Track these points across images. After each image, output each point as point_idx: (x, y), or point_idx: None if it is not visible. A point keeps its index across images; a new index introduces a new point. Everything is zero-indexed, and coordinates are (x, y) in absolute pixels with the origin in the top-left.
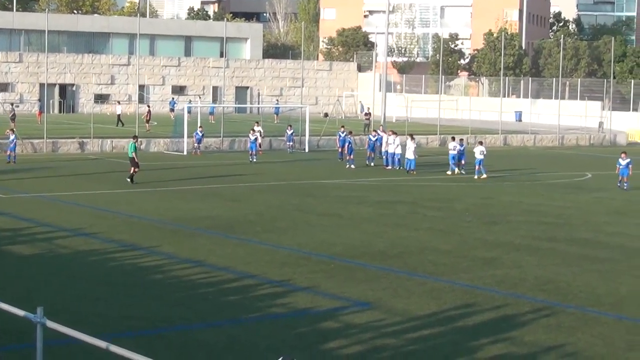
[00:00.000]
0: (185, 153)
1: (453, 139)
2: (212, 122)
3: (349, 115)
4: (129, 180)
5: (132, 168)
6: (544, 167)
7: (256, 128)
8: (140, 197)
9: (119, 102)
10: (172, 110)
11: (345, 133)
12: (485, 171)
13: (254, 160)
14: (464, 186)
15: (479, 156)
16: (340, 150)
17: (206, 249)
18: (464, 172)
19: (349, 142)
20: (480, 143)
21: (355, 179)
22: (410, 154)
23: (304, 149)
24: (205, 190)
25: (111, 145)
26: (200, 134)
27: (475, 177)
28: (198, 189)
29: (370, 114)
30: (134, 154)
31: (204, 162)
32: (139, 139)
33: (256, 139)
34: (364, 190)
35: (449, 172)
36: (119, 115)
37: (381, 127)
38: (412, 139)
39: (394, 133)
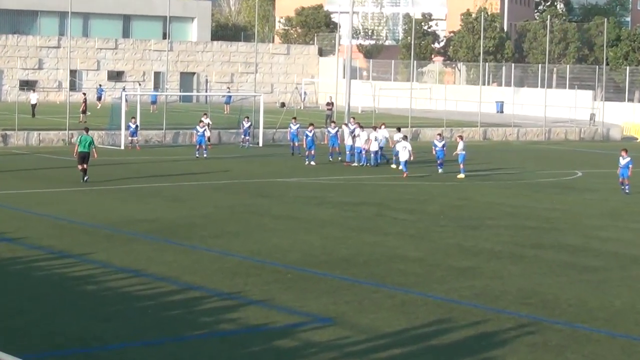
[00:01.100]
0: (122, 147)
1: (399, 130)
2: (154, 112)
3: (309, 105)
4: (86, 179)
5: (82, 164)
6: (528, 165)
7: (204, 119)
8: (71, 197)
9: (33, 90)
10: (99, 98)
11: (298, 125)
12: (463, 170)
13: (204, 155)
14: (438, 186)
15: (460, 152)
16: (292, 145)
17: (145, 256)
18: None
19: (306, 135)
20: (461, 137)
21: (316, 177)
22: (374, 146)
23: (258, 143)
24: (145, 189)
25: (38, 138)
26: (134, 126)
27: (461, 175)
28: (137, 189)
29: (332, 103)
30: (93, 149)
31: (144, 158)
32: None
33: (204, 131)
34: (325, 189)
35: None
36: (33, 106)
37: (352, 120)
38: (376, 129)
39: (359, 125)
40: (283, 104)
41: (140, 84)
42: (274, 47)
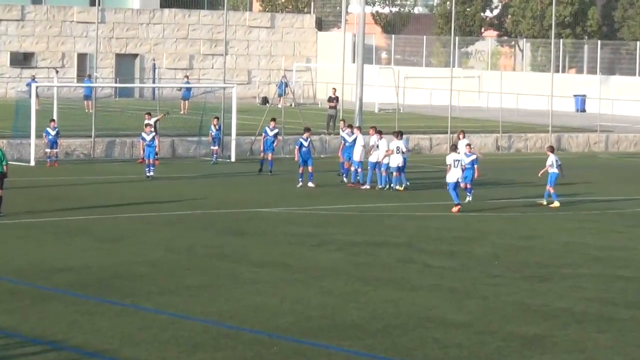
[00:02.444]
0: (32, 164)
1: (399, 135)
2: (89, 111)
3: (304, 102)
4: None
5: None
6: (622, 187)
7: (149, 121)
8: None
9: None
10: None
11: (276, 132)
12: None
13: (149, 174)
14: (489, 218)
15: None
16: (263, 158)
17: (67, 320)
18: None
19: (300, 145)
20: (552, 149)
21: (314, 206)
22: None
23: (229, 157)
24: (67, 224)
25: None
26: (54, 132)
27: (556, 203)
28: (55, 223)
29: (337, 98)
30: (5, 167)
31: (64, 179)
32: None
33: (153, 139)
34: (328, 224)
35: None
36: None
37: (349, 129)
38: (399, 136)
39: (379, 132)
40: (265, 100)
41: (57, 71)
42: (252, 17)
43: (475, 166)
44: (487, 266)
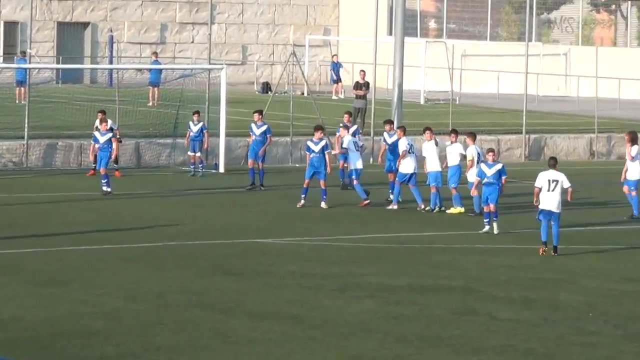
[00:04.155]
0: None
1: (454, 133)
2: (22, 102)
3: (320, 89)
4: None
5: None
6: None
7: (100, 120)
8: None
9: None
10: None
11: (265, 127)
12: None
13: (108, 189)
14: (579, 252)
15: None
16: (252, 168)
17: None
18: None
19: (308, 150)
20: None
21: (334, 235)
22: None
23: (216, 166)
24: None
25: None
26: None
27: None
28: None
29: (366, 84)
30: None
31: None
32: None
33: (110, 142)
34: (355, 260)
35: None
36: None
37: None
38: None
39: (455, 134)
40: (267, 86)
41: None
42: None
43: (503, 178)
44: (578, 319)
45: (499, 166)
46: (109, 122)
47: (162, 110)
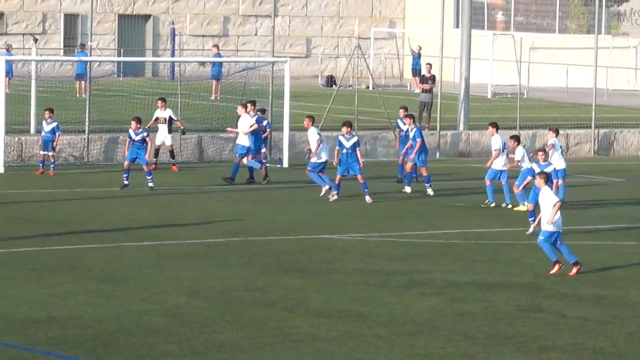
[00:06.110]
0: (1, 170)
1: (555, 132)
2: (82, 96)
3: (386, 83)
4: None
5: None
6: None
7: (165, 113)
8: None
9: None
10: None
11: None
12: None
13: (149, 185)
14: None
15: None
16: (263, 160)
17: None
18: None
19: (340, 145)
20: None
21: (400, 232)
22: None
23: (280, 160)
24: (50, 257)
25: None
26: (50, 128)
27: None
28: (33, 255)
29: (433, 78)
30: None
31: (47, 192)
32: None
33: (144, 141)
34: (420, 257)
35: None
36: None
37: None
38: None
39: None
40: (331, 80)
41: (36, 40)
42: None
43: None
44: None
45: (550, 168)
46: (169, 112)
47: (224, 104)
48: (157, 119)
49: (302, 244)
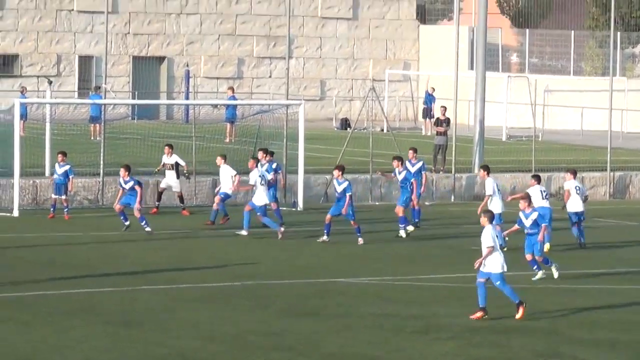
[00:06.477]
0: (16, 214)
1: (573, 174)
2: (97, 139)
3: (402, 126)
4: None
5: None
6: None
7: (171, 159)
8: None
9: None
10: None
11: (271, 166)
12: None
13: (148, 228)
14: None
15: None
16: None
17: None
18: None
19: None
20: None
21: (415, 275)
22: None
23: (294, 204)
24: (65, 301)
25: None
26: (63, 171)
27: None
28: (48, 299)
29: (447, 120)
30: None
31: (61, 236)
32: None
33: (133, 189)
34: (436, 300)
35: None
36: None
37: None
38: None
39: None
40: (346, 122)
41: (50, 82)
42: (327, 3)
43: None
44: None
45: (534, 215)
46: (176, 157)
47: (239, 146)
48: (164, 164)
49: (316, 288)
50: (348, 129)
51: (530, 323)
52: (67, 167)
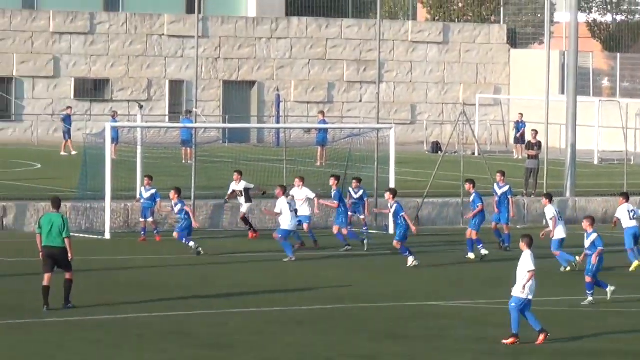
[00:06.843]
0: (107, 236)
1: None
2: (188, 162)
3: (494, 150)
4: (68, 305)
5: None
6: None
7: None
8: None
9: None
10: (67, 133)
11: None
12: None
13: (198, 249)
14: None
15: None
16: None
17: None
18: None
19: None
20: None
21: (508, 298)
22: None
23: (385, 227)
24: (156, 323)
25: None
26: (149, 195)
27: None
28: (139, 321)
29: (538, 144)
30: (68, 241)
31: (153, 258)
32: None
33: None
34: (527, 323)
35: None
36: None
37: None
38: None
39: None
40: (437, 146)
41: (141, 106)
42: (417, 28)
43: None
44: None
45: (594, 237)
46: (244, 184)
47: (329, 170)
48: (233, 191)
49: (408, 311)
50: (439, 152)
51: (624, 347)
52: (152, 191)
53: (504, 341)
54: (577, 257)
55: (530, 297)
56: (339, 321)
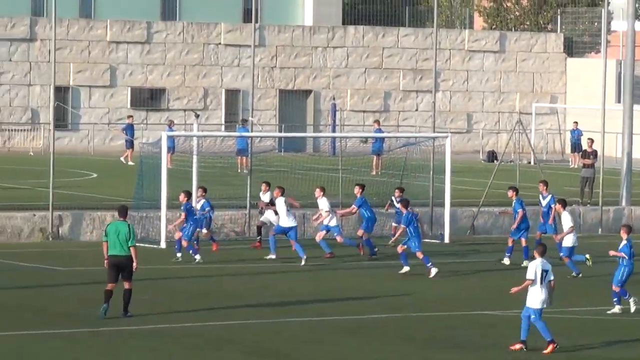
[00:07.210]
0: (163, 245)
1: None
2: (244, 171)
3: (550, 159)
4: (126, 314)
5: (113, 281)
6: None
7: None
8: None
9: None
10: (129, 142)
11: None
12: None
13: (197, 257)
14: None
15: None
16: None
17: None
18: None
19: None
20: None
21: (565, 307)
22: None
23: (441, 236)
24: (210, 332)
25: None
26: (201, 205)
27: None
28: (193, 330)
29: (594, 153)
30: (133, 249)
31: (207, 267)
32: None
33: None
34: (580, 333)
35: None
36: None
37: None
38: None
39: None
40: (493, 155)
41: (197, 115)
42: (474, 37)
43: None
44: None
45: (622, 244)
46: (268, 194)
47: (385, 179)
48: (263, 201)
49: (463, 320)
50: (495, 161)
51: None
52: (202, 202)
53: (512, 347)
54: (587, 256)
55: (544, 307)
56: (391, 329)
